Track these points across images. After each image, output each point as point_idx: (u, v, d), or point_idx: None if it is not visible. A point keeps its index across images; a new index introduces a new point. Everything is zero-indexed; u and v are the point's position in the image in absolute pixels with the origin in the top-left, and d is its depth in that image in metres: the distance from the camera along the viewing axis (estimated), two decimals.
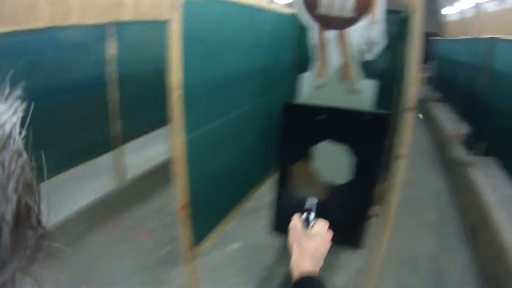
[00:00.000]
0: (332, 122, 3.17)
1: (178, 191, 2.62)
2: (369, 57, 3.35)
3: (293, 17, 3.86)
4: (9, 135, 0.50)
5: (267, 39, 3.78)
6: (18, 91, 0.54)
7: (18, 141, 0.52)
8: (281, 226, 3.49)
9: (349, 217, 3.23)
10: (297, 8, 3.46)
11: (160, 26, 6.12)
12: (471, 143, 8.52)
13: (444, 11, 20.67)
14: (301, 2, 3.41)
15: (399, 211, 3.04)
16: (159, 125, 6.58)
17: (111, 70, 5.42)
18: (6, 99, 0.53)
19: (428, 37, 16.60)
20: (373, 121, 3.03)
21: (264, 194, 4.15)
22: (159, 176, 6.01)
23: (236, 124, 3.39)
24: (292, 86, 3.86)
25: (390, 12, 3.35)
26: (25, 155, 0.53)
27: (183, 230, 2.70)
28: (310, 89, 3.45)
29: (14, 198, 0.48)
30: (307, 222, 1.29)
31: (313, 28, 3.39)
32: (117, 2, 8.86)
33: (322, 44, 3.39)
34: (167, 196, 5.43)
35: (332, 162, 3.23)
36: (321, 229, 1.28)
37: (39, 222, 0.54)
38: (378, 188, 3.28)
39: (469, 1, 16.03)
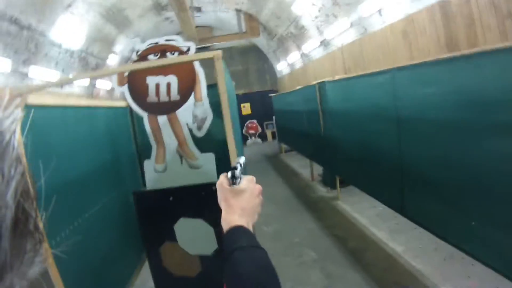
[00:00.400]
0: (182, 200, 3.35)
1: None
2: (201, 132, 3.58)
3: (127, 108, 4.05)
4: (8, 143, 0.53)
5: (108, 133, 3.93)
6: (17, 100, 0.57)
7: (17, 148, 0.54)
8: None
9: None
10: (127, 99, 3.63)
11: None
12: (327, 180, 9.20)
13: (278, 66, 21.94)
14: (128, 94, 3.59)
15: (278, 257, 3.18)
16: None
17: None
18: (5, 107, 0.55)
19: (268, 94, 17.74)
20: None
21: (146, 280, 4.17)
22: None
23: (96, 221, 3.41)
24: (139, 173, 3.99)
25: (212, 86, 3.54)
26: (23, 162, 0.54)
27: None
28: (154, 174, 3.59)
29: (13, 204, 0.50)
30: (233, 179, 1.25)
31: (144, 116, 3.58)
32: None
33: (155, 129, 3.58)
34: None
35: (194, 236, 3.39)
36: (248, 183, 1.25)
37: (36, 227, 0.56)
38: None
39: (296, 54, 17.23)
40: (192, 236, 3.41)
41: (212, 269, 3.45)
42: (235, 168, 1.27)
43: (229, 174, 1.26)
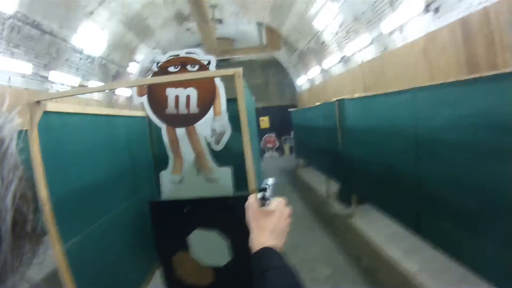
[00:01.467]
0: (198, 211, 3.37)
1: None
2: (219, 146, 3.61)
3: (146, 118, 4.09)
4: (7, 149, 0.54)
5: (126, 142, 3.97)
6: (17, 107, 0.58)
7: (15, 153, 0.55)
8: None
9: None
10: (146, 110, 3.67)
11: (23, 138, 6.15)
12: (343, 197, 9.14)
13: (298, 81, 21.94)
14: (147, 105, 3.63)
15: None
16: None
17: None
18: (5, 114, 0.56)
19: (287, 109, 17.73)
20: (234, 203, 3.23)
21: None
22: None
23: (110, 227, 3.46)
24: (156, 183, 4.03)
25: (232, 100, 3.55)
26: (21, 167, 0.56)
27: None
28: (170, 185, 3.62)
29: (11, 207, 0.51)
30: (263, 200, 1.26)
31: (162, 127, 3.61)
32: None
33: (173, 141, 3.61)
34: None
35: (209, 247, 3.40)
36: (278, 205, 1.26)
37: (33, 229, 0.57)
38: None
39: (316, 69, 17.15)
40: (205, 248, 3.42)
41: (225, 280, 3.46)
42: (265, 189, 1.28)
43: (259, 195, 1.27)
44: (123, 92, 15.83)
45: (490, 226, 3.31)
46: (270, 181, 1.35)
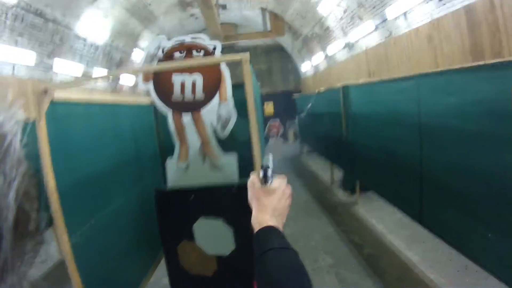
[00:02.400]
0: (203, 199, 3.39)
1: None
2: (225, 133, 3.61)
3: (151, 106, 4.10)
4: (10, 144, 0.52)
5: (132, 130, 3.99)
6: (19, 102, 0.57)
7: (18, 149, 0.53)
8: None
9: (247, 279, 3.38)
10: (151, 96, 3.67)
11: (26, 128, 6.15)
12: (347, 184, 9.15)
13: (302, 67, 21.83)
14: (153, 91, 3.63)
15: None
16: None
17: None
18: (7, 109, 0.55)
19: (291, 94, 17.67)
20: (239, 191, 3.20)
21: (160, 276, 4.22)
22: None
23: (116, 216, 3.50)
24: (161, 171, 4.04)
25: (237, 86, 3.58)
26: (25, 163, 0.54)
27: None
28: (176, 172, 3.63)
29: (14, 205, 0.50)
30: (265, 178, 1.24)
31: (168, 114, 3.62)
32: None
33: (179, 128, 3.61)
34: None
35: (213, 236, 3.43)
36: (280, 184, 1.25)
37: (37, 228, 0.56)
38: None
39: (320, 55, 17.13)
40: (210, 236, 3.45)
41: (229, 269, 3.49)
42: (267, 167, 1.26)
43: (261, 173, 1.25)
44: (127, 81, 15.82)
45: (493, 216, 3.32)
46: (271, 159, 1.32)
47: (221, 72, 3.59)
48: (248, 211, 1.24)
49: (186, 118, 3.60)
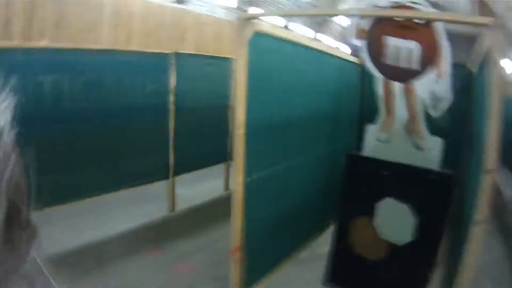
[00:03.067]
0: (396, 178, 3.08)
1: (234, 232, 2.59)
2: (435, 113, 3.24)
3: (358, 65, 3.82)
4: None
5: (333, 86, 3.72)
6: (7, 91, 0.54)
7: (7, 141, 0.52)
8: (335, 279, 3.39)
9: (409, 280, 3.08)
10: (363, 56, 3.41)
11: (220, 63, 6.25)
12: None
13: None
14: (365, 50, 3.37)
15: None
16: (212, 162, 6.55)
17: (171, 101, 5.46)
18: None
19: None
20: (438, 180, 2.91)
21: (319, 245, 4.03)
22: (210, 211, 6.00)
23: (298, 170, 3.32)
24: (356, 137, 3.79)
25: (455, 66, 3.26)
26: (14, 155, 0.52)
27: (233, 272, 2.64)
28: (374, 142, 3.37)
29: (4, 198, 0.49)
30: None
31: (378, 78, 3.33)
32: (179, 36, 9.06)
33: (387, 96, 3.31)
34: (217, 232, 5.29)
35: (394, 220, 3.13)
36: None
37: (28, 222, 0.55)
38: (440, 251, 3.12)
39: None
40: (391, 220, 3.14)
41: (397, 260, 3.18)
42: None
43: None
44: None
45: None
46: None
47: (439, 45, 3.20)
48: (442, 206, 0.94)
49: (397, 87, 3.27)
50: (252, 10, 11.02)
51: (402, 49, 3.28)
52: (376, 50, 3.35)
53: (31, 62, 3.93)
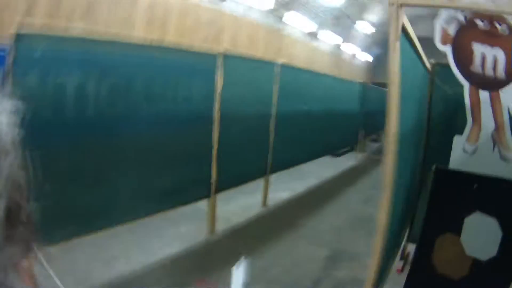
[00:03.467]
0: (486, 191, 2.90)
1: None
2: None
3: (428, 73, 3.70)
4: None
5: (421, 95, 3.60)
6: (7, 89, 0.51)
7: (6, 140, 0.53)
8: None
9: None
10: (448, 60, 3.27)
11: (267, 67, 5.86)
12: None
13: None
14: (451, 55, 3.21)
15: None
16: (254, 176, 6.03)
17: (216, 108, 4.91)
18: None
19: None
20: None
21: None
22: (251, 233, 5.62)
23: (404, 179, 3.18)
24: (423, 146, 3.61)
25: None
26: (12, 154, 0.54)
27: None
28: (461, 154, 3.20)
29: (4, 195, 0.50)
30: None
31: (465, 86, 3.18)
32: (215, 37, 8.83)
33: (475, 104, 3.16)
34: (263, 260, 4.76)
35: (481, 235, 2.97)
36: None
37: (28, 218, 0.57)
38: None
39: None
40: (478, 235, 2.96)
41: (480, 277, 2.98)
42: None
43: None
44: (348, 49, 15.94)
45: None
46: None
47: None
48: None
49: (483, 95, 3.11)
50: (288, 15, 10.96)
51: (488, 56, 3.14)
52: (462, 56, 3.21)
53: (57, 55, 3.33)
